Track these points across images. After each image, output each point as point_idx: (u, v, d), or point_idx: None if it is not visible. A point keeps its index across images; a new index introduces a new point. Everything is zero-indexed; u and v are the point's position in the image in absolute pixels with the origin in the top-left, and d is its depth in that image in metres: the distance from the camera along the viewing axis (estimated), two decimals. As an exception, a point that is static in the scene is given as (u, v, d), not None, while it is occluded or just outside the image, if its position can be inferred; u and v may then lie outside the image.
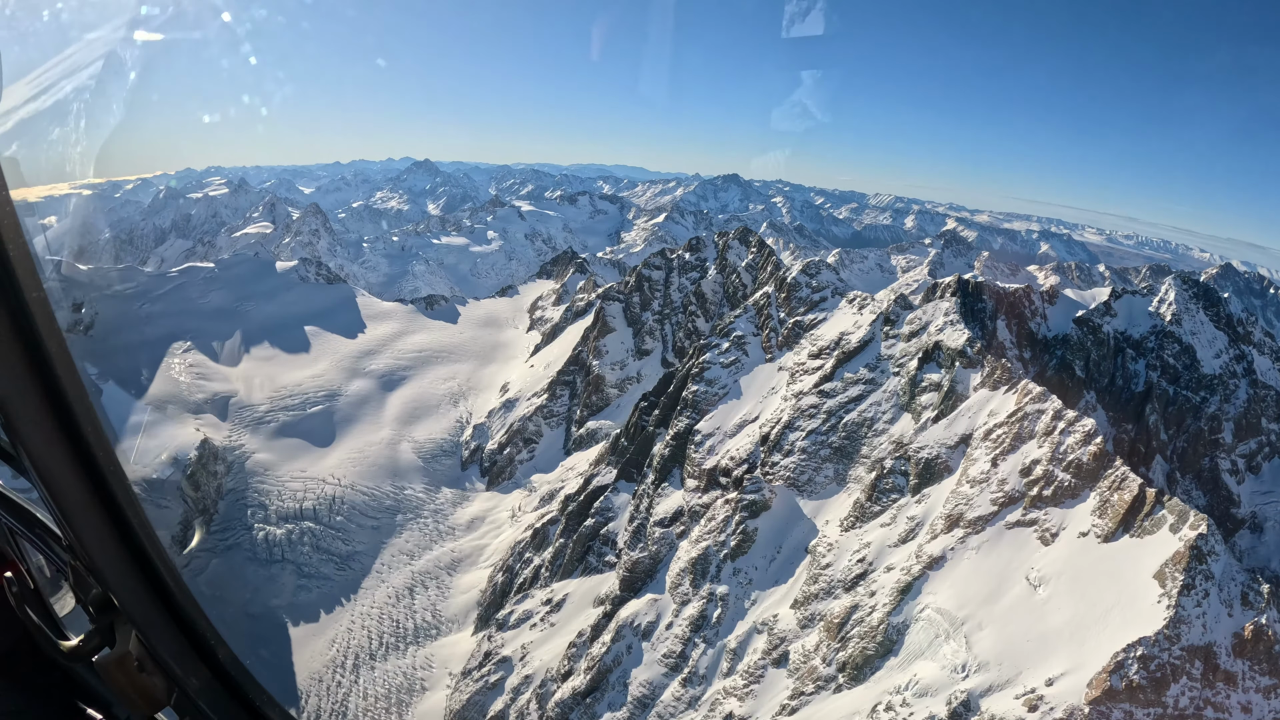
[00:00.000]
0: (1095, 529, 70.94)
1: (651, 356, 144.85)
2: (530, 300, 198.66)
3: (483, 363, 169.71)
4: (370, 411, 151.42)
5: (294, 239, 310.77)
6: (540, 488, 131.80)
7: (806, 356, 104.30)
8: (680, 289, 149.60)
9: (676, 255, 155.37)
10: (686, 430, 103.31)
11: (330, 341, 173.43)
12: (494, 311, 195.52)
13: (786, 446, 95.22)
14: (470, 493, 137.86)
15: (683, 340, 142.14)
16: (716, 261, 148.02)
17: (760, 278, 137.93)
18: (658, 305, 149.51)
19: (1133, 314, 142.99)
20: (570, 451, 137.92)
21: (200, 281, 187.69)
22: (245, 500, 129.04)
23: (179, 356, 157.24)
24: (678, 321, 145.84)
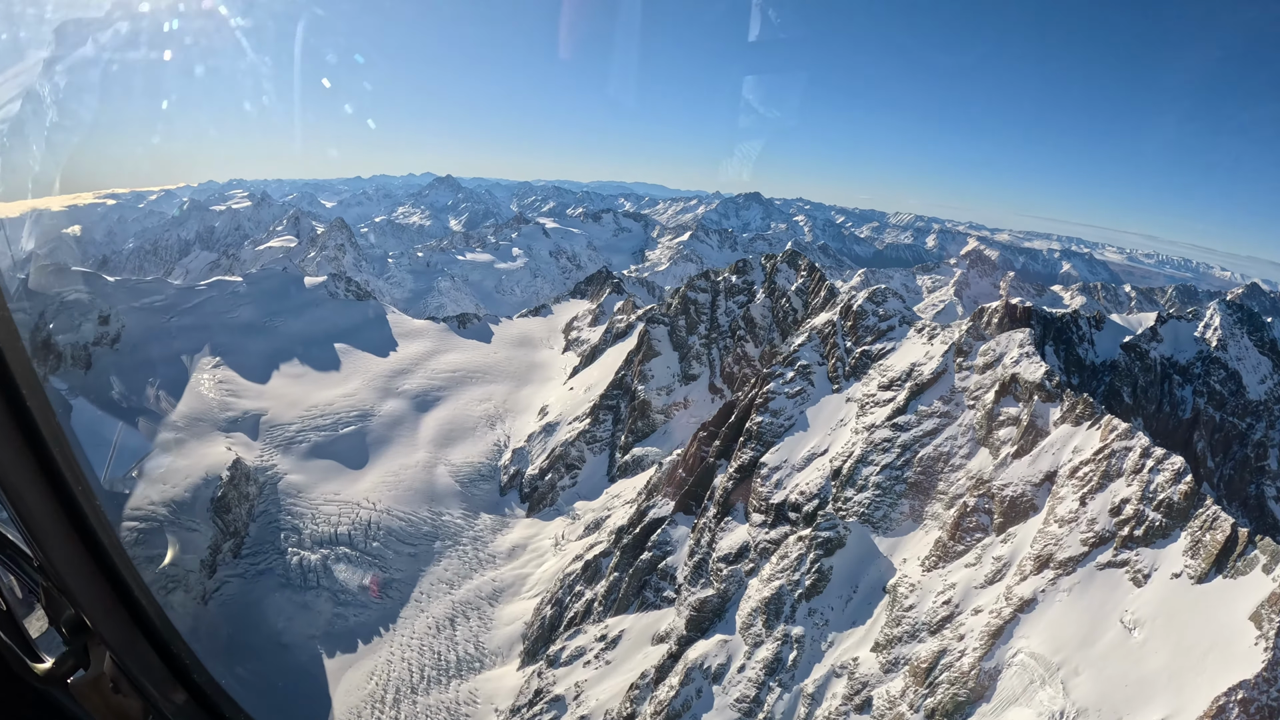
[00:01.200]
0: (1188, 570, 67.70)
1: (698, 382, 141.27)
2: (564, 320, 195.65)
3: (518, 384, 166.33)
4: (404, 433, 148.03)
5: (320, 253, 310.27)
6: (584, 515, 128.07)
7: (876, 388, 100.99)
8: (727, 312, 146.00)
9: (722, 277, 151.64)
10: (751, 463, 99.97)
11: (361, 359, 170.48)
12: (527, 331, 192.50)
13: (860, 481, 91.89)
14: (510, 519, 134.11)
15: (731, 365, 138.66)
16: (764, 285, 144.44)
17: (812, 302, 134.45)
18: (704, 329, 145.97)
19: (1178, 339, 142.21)
20: (615, 478, 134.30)
21: (228, 295, 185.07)
22: (278, 523, 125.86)
23: (208, 372, 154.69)
24: (725, 346, 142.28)
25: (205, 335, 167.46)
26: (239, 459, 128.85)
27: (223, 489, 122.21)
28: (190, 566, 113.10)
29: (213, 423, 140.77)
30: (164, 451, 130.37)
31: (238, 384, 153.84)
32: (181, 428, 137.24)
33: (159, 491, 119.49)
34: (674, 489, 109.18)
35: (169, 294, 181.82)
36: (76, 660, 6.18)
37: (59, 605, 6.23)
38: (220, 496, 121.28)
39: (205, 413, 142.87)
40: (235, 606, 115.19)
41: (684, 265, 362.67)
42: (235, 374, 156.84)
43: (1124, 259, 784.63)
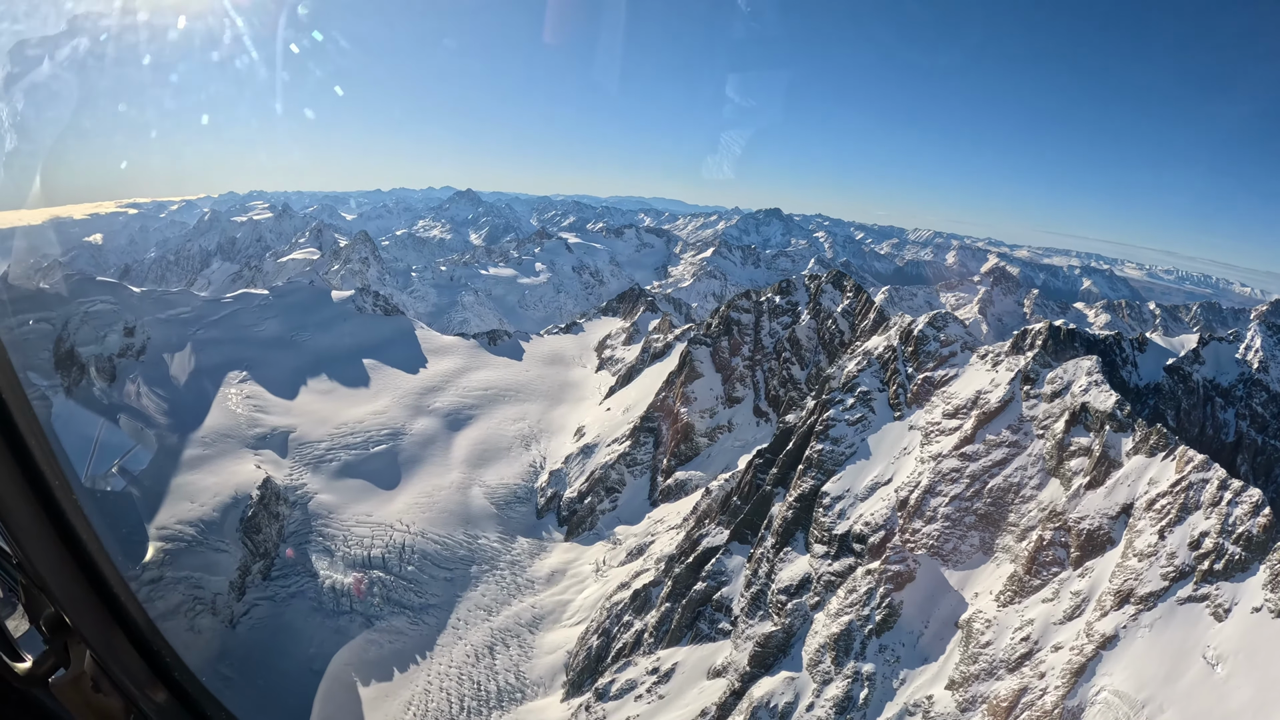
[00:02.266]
0: (1268, 604, 65.14)
1: (743, 405, 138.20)
2: (597, 338, 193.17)
3: (552, 403, 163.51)
4: (437, 453, 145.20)
5: (344, 266, 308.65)
6: (625, 540, 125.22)
7: (941, 415, 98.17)
8: (771, 334, 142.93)
9: (765, 298, 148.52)
10: (812, 492, 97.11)
11: (390, 376, 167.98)
12: (559, 349, 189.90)
13: (928, 513, 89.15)
14: (548, 543, 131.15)
15: (776, 388, 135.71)
16: (809, 306, 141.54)
17: (860, 325, 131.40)
18: (747, 350, 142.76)
19: (1220, 361, 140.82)
20: (657, 502, 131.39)
21: (255, 309, 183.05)
22: (309, 545, 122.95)
23: (235, 387, 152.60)
24: (770, 368, 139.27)
25: (232, 349, 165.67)
26: (269, 478, 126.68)
27: (253, 509, 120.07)
28: (218, 589, 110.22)
29: (241, 439, 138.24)
30: (191, 469, 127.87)
31: (265, 399, 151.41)
32: (209, 444, 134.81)
33: (187, 510, 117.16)
34: (728, 517, 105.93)
35: (194, 306, 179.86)
36: (57, 659, 6.13)
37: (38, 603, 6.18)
38: (250, 516, 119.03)
39: (233, 429, 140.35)
40: (265, 630, 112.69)
41: (708, 282, 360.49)
42: (262, 389, 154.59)
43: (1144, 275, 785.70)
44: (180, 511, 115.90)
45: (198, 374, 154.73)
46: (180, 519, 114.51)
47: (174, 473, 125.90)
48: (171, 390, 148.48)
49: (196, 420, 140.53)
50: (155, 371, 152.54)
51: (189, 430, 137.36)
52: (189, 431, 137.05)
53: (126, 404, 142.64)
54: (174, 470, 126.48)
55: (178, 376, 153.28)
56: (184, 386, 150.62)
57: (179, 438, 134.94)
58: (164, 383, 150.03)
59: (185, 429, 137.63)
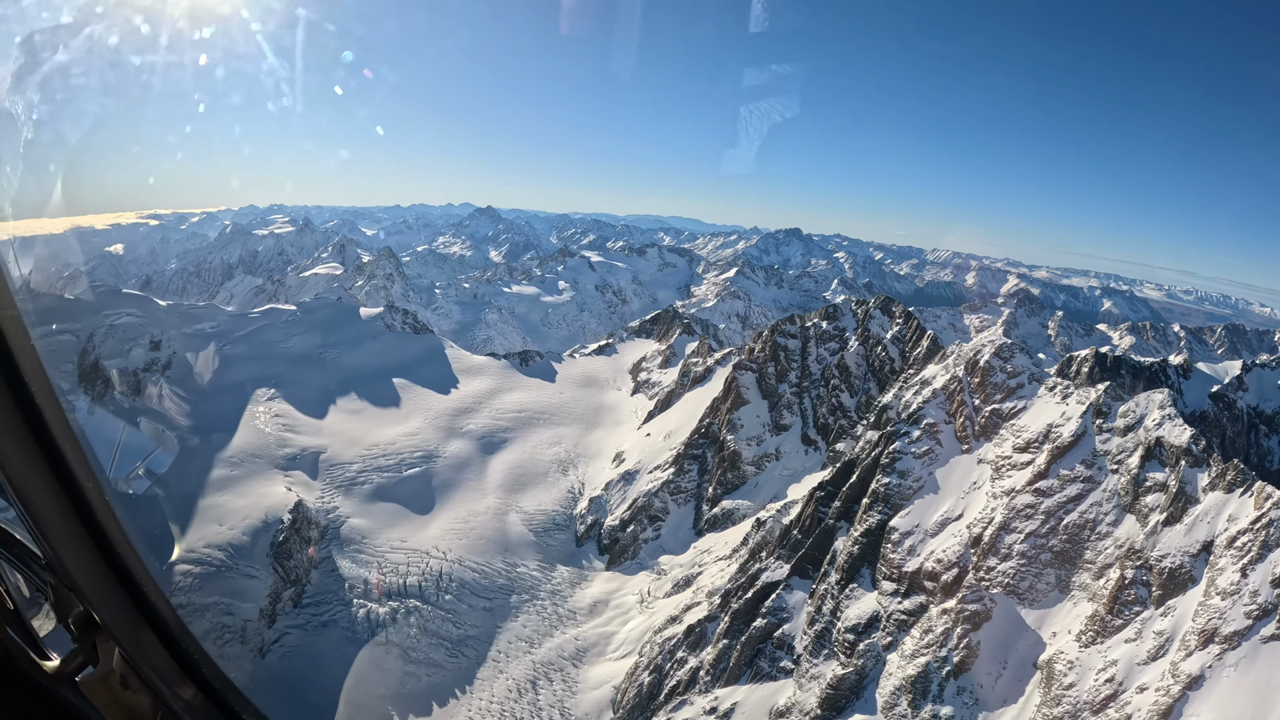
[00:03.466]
0: None
1: (790, 432, 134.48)
2: (631, 360, 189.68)
3: (588, 427, 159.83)
4: (472, 477, 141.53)
5: (368, 282, 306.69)
6: (671, 570, 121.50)
7: (1011, 449, 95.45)
8: (819, 360, 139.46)
9: (812, 323, 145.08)
10: (879, 526, 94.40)
11: (421, 396, 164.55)
12: (592, 371, 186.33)
13: (1003, 550, 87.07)
14: (589, 572, 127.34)
15: (825, 416, 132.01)
16: (857, 332, 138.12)
17: (912, 353, 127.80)
18: (794, 377, 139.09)
19: (1263, 387, 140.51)
20: (703, 532, 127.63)
21: (282, 324, 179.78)
22: (341, 571, 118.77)
23: (263, 405, 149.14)
24: (818, 395, 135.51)
25: (259, 365, 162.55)
26: (301, 501, 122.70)
27: (284, 533, 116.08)
28: (248, 616, 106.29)
29: (270, 460, 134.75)
30: (219, 489, 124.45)
31: (295, 418, 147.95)
32: (237, 464, 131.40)
33: (215, 533, 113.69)
34: (788, 551, 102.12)
35: (221, 320, 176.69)
36: (85, 657, 6.14)
37: (67, 602, 6.16)
38: (282, 541, 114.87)
39: (262, 448, 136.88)
40: (296, 660, 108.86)
41: (731, 302, 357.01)
42: (291, 407, 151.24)
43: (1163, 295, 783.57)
44: (209, 534, 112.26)
45: (225, 390, 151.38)
46: (209, 542, 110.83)
47: (201, 493, 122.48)
48: (198, 406, 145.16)
49: (224, 439, 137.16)
50: (181, 387, 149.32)
51: (216, 449, 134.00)
52: (216, 450, 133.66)
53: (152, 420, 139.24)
54: (201, 491, 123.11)
55: (204, 392, 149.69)
56: (211, 403, 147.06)
57: (206, 456, 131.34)
58: (190, 399, 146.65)
59: (213, 448, 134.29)
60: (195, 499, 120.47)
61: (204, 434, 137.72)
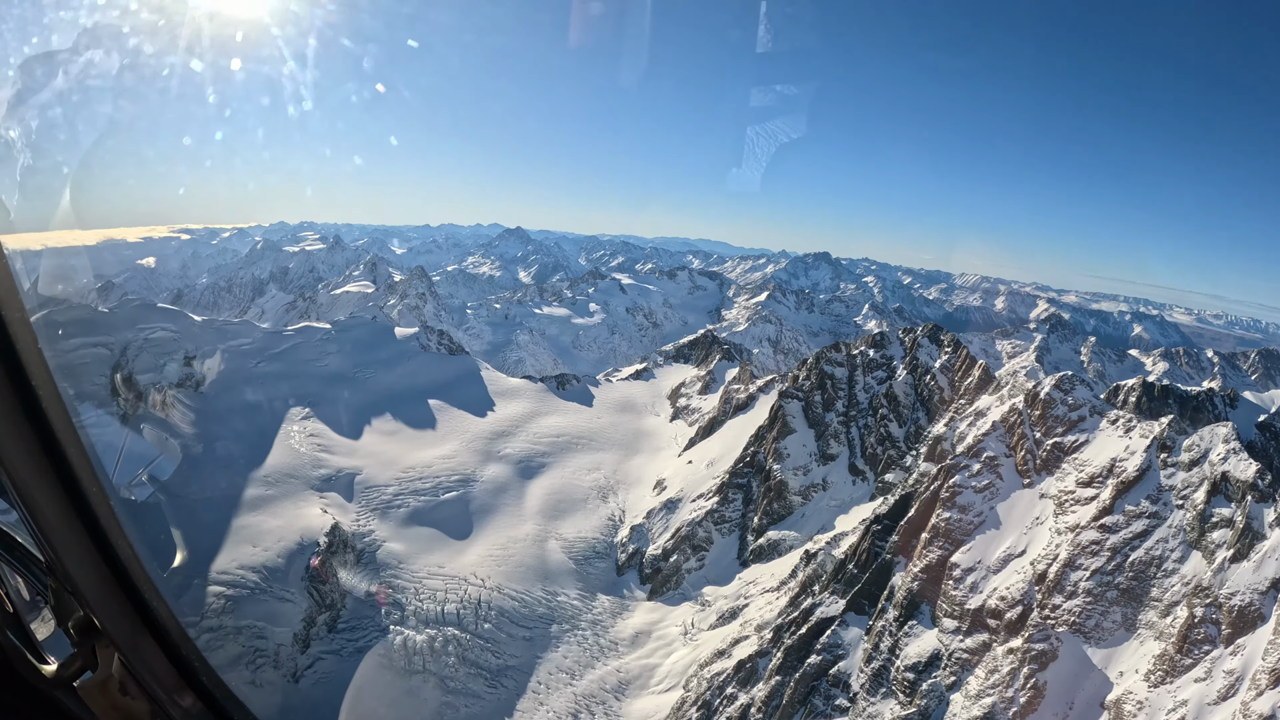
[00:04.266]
0: None
1: (837, 462, 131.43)
2: (669, 385, 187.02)
3: (627, 453, 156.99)
4: (510, 502, 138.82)
5: (400, 301, 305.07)
6: (715, 602, 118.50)
7: (1074, 484, 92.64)
8: (866, 389, 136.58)
9: (859, 351, 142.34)
10: (940, 562, 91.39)
11: (457, 418, 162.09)
12: (629, 396, 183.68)
13: (1069, 587, 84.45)
14: (630, 602, 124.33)
15: (873, 446, 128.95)
16: (905, 361, 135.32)
17: (963, 382, 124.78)
18: (841, 406, 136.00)
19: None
20: (748, 563, 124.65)
21: (317, 343, 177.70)
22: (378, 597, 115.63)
23: (297, 424, 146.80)
24: (866, 425, 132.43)
25: (294, 384, 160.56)
26: (337, 524, 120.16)
27: (320, 555, 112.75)
28: (282, 640, 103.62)
29: (305, 480, 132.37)
30: (253, 509, 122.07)
31: (329, 438, 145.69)
32: (271, 483, 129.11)
33: (249, 555, 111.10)
34: (843, 585, 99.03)
35: (256, 337, 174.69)
36: (84, 662, 6.13)
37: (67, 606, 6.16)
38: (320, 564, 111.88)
39: (296, 468, 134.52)
40: (330, 687, 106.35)
41: (763, 326, 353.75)
42: (326, 427, 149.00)
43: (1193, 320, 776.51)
44: (242, 555, 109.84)
45: (259, 408, 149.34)
46: (242, 564, 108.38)
47: (235, 513, 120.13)
48: (231, 424, 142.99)
49: (258, 458, 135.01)
50: (215, 403, 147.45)
51: (250, 468, 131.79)
52: (250, 469, 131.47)
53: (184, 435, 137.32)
54: (235, 510, 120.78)
55: (238, 410, 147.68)
56: (245, 421, 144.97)
57: (240, 474, 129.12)
58: (224, 416, 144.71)
59: (246, 466, 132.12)
60: (229, 517, 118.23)
61: (238, 452, 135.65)
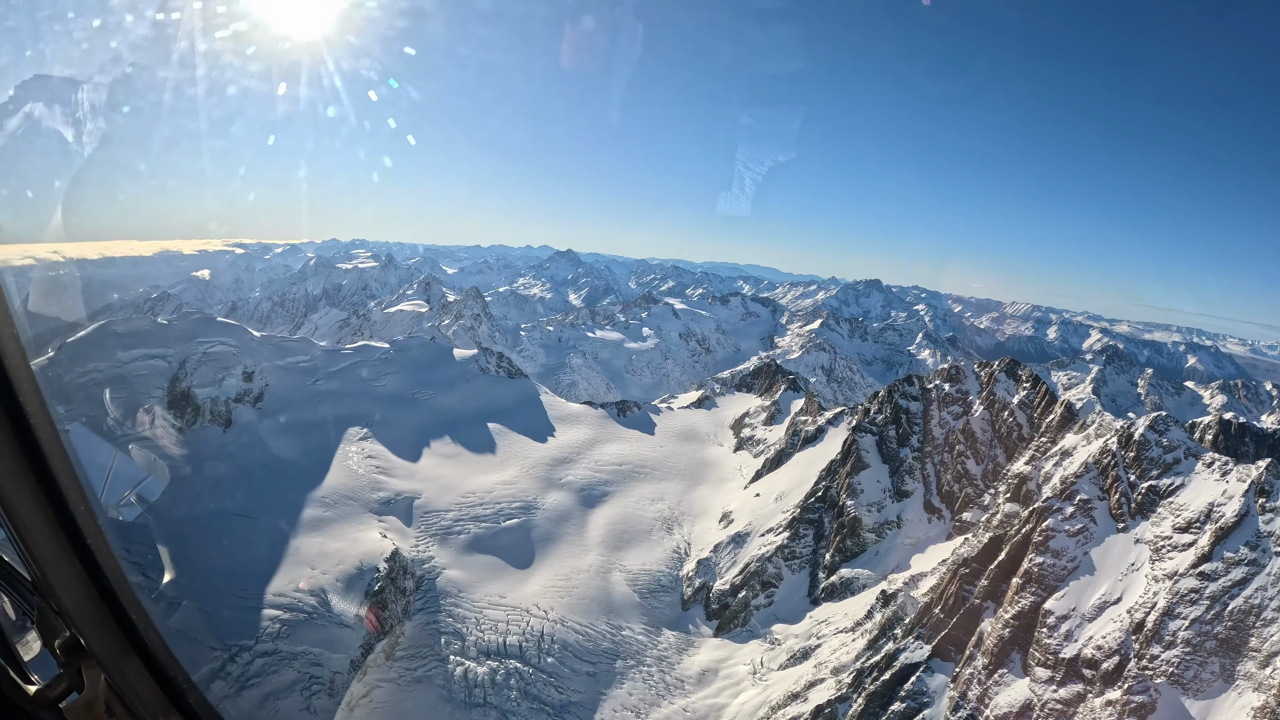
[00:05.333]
0: None
1: (912, 499, 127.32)
2: (732, 415, 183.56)
3: (691, 483, 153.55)
4: (572, 531, 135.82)
5: (455, 322, 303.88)
6: (785, 641, 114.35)
7: (1170, 529, 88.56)
8: (941, 424, 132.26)
9: (934, 385, 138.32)
10: (1032, 609, 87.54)
11: (517, 443, 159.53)
12: (691, 424, 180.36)
13: (1167, 637, 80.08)
14: (695, 638, 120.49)
15: (950, 483, 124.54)
16: (982, 396, 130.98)
17: (1043, 419, 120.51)
18: (916, 441, 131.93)
19: None
20: (819, 601, 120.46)
21: (375, 362, 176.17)
22: (437, 625, 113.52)
23: (355, 444, 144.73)
24: (942, 461, 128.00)
25: (352, 403, 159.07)
26: (397, 550, 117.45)
27: (380, 582, 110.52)
28: (338, 667, 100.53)
29: (363, 503, 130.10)
30: (311, 531, 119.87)
31: (388, 460, 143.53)
32: (329, 505, 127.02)
33: (307, 577, 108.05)
34: (928, 630, 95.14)
35: (314, 355, 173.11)
36: (70, 683, 6.04)
37: (54, 627, 6.09)
38: (378, 590, 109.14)
39: (355, 490, 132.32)
40: (387, 717, 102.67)
41: (816, 354, 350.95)
42: (384, 448, 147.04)
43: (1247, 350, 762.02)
44: (299, 578, 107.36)
45: (317, 427, 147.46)
46: (299, 587, 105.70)
47: (292, 533, 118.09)
48: (289, 442, 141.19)
49: (316, 478, 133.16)
50: (272, 421, 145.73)
51: (308, 488, 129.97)
52: (308, 489, 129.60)
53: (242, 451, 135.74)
54: (292, 530, 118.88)
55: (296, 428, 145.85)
56: (302, 440, 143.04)
57: (298, 494, 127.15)
58: (281, 433, 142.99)
59: (304, 485, 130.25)
60: (286, 538, 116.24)
61: (295, 471, 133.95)
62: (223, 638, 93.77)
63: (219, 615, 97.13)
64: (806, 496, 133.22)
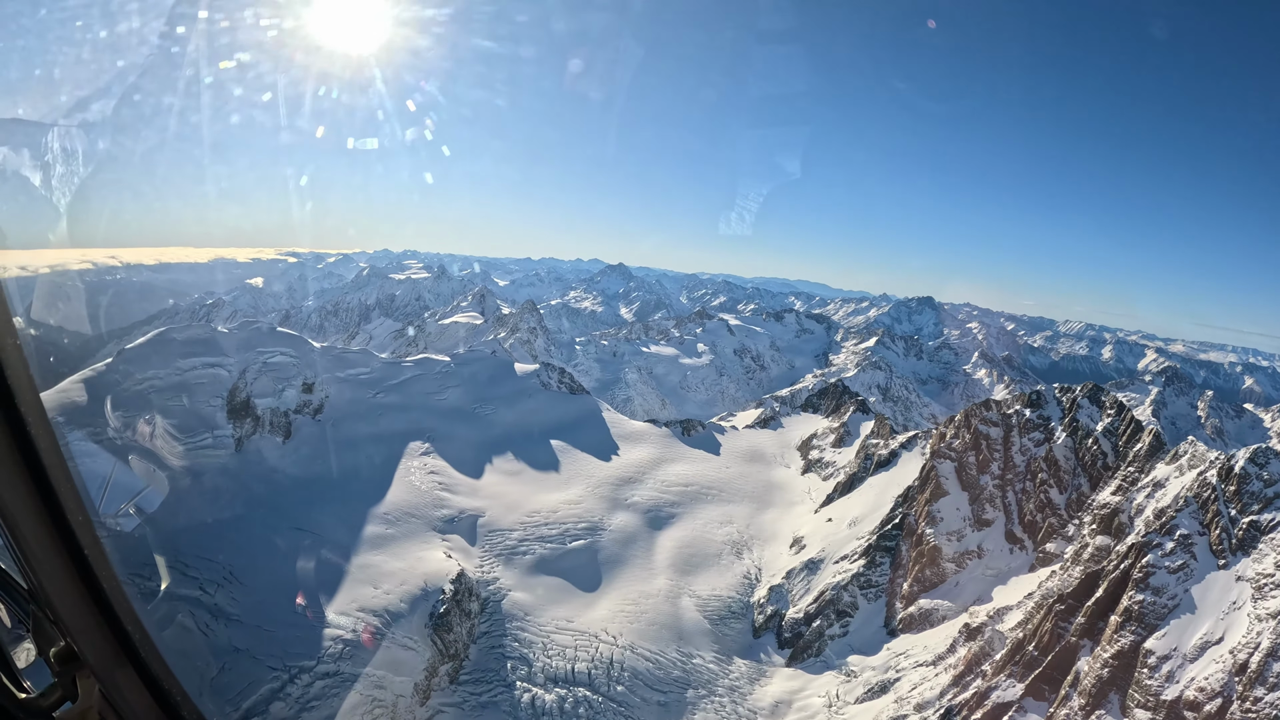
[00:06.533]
0: None
1: (993, 529, 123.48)
2: (798, 436, 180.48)
3: (759, 506, 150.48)
4: (639, 553, 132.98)
5: (511, 335, 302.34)
6: (862, 673, 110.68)
7: (1273, 566, 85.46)
8: (1023, 451, 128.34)
9: (1014, 410, 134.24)
10: (1132, 648, 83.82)
11: (581, 461, 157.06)
12: (757, 444, 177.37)
13: (1271, 679, 75.81)
14: (767, 667, 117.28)
15: (1033, 513, 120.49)
16: (1064, 423, 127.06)
17: (1130, 449, 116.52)
18: (997, 468, 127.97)
19: None
20: (896, 632, 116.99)
21: (436, 376, 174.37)
22: (503, 650, 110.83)
23: (417, 459, 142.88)
24: (1024, 490, 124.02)
25: (413, 417, 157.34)
26: (464, 571, 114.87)
27: (446, 604, 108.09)
28: (402, 690, 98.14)
29: (426, 520, 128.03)
30: (374, 548, 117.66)
31: (450, 477, 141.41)
32: (392, 522, 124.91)
33: (370, 597, 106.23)
34: (1021, 668, 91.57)
35: (374, 367, 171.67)
36: (65, 692, 6.03)
37: (49, 635, 6.11)
38: (443, 613, 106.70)
39: (417, 507, 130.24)
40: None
41: (872, 373, 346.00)
42: (447, 464, 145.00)
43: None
44: (362, 598, 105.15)
45: (378, 440, 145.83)
46: (363, 606, 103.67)
47: (354, 550, 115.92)
48: (349, 456, 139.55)
49: (378, 493, 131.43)
50: (333, 432, 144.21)
51: (370, 503, 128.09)
52: (370, 505, 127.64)
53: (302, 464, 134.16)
54: (354, 547, 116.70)
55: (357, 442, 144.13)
56: (363, 454, 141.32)
57: (360, 509, 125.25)
58: (342, 447, 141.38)
59: (366, 501, 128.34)
60: (349, 554, 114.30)
61: (357, 486, 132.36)
62: (283, 657, 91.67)
63: (279, 633, 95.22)
64: (882, 523, 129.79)
